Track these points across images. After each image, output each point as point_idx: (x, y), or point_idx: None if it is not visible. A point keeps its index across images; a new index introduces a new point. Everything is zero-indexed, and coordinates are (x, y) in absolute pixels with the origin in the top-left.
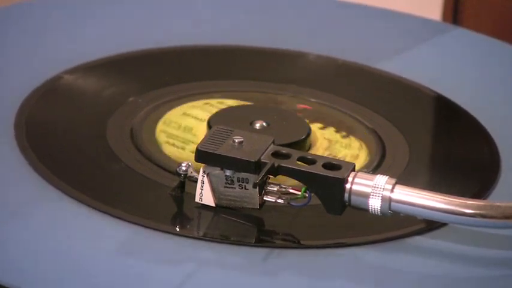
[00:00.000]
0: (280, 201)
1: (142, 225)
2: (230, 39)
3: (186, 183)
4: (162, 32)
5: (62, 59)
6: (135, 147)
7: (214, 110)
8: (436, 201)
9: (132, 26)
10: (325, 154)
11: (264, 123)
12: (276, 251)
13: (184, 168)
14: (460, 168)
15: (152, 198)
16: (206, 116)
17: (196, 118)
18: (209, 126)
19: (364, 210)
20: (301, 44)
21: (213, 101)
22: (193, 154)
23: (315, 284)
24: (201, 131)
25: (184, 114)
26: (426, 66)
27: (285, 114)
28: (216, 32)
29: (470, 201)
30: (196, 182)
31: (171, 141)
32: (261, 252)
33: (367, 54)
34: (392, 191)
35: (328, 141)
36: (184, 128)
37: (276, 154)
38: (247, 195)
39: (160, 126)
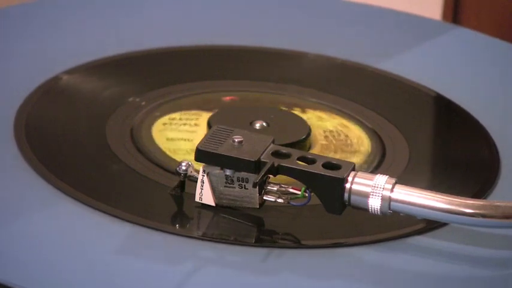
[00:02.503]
0: (280, 200)
1: (142, 225)
2: (230, 39)
3: (185, 182)
4: (162, 32)
5: (61, 59)
6: (135, 147)
7: (214, 110)
8: (436, 201)
9: (132, 26)
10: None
11: (264, 123)
12: (276, 251)
13: (184, 168)
14: (460, 168)
15: (152, 198)
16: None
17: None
18: (209, 126)
19: (364, 210)
20: (301, 44)
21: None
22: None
23: (315, 284)
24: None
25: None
26: (426, 66)
27: (285, 114)
28: (216, 32)
29: (470, 201)
30: (196, 181)
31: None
32: (261, 252)
33: (367, 54)
34: (392, 190)
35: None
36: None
37: (275, 154)
38: (247, 194)
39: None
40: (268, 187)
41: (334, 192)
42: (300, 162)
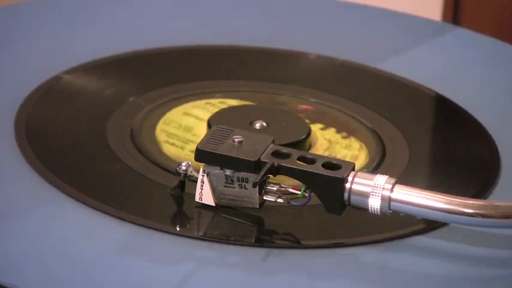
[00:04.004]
0: (280, 200)
1: (142, 225)
2: (230, 39)
3: (185, 182)
4: (162, 32)
5: (62, 59)
6: (135, 147)
7: (214, 110)
8: (436, 200)
9: (132, 26)
10: (325, 154)
11: (264, 123)
12: (276, 251)
13: (184, 168)
14: (460, 168)
15: (152, 198)
16: (206, 115)
17: (196, 118)
18: (209, 125)
19: (363, 210)
20: (301, 44)
21: (214, 101)
22: (193, 153)
23: (315, 284)
24: (201, 130)
25: (185, 113)
26: (426, 66)
27: (285, 114)
28: (216, 32)
29: (470, 201)
30: (196, 181)
31: (171, 140)
32: (261, 252)
33: (367, 54)
34: (392, 190)
35: (328, 142)
36: (184, 127)
37: (275, 153)
38: (247, 194)
39: (160, 125)
40: (268, 187)
41: (334, 192)
42: (300, 162)
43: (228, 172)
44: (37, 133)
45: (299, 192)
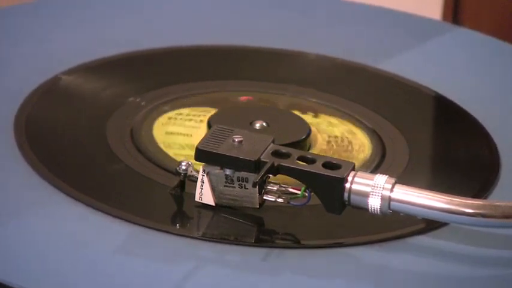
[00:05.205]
0: (280, 200)
1: (142, 225)
2: (230, 39)
3: (185, 182)
4: (162, 32)
5: (61, 59)
6: (135, 147)
7: (213, 110)
8: (436, 200)
9: (131, 26)
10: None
11: (264, 123)
12: (276, 251)
13: (184, 167)
14: (460, 168)
15: (152, 198)
16: (205, 115)
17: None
18: (209, 125)
19: (363, 210)
20: (301, 44)
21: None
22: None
23: (315, 284)
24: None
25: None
26: (426, 66)
27: (285, 114)
28: (215, 32)
29: (470, 201)
30: (196, 181)
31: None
32: (260, 252)
33: (367, 54)
34: (392, 190)
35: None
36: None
37: (275, 153)
38: (247, 194)
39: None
40: (268, 187)
41: (334, 192)
42: (300, 162)
43: (228, 172)
44: (37, 133)
45: (299, 192)
